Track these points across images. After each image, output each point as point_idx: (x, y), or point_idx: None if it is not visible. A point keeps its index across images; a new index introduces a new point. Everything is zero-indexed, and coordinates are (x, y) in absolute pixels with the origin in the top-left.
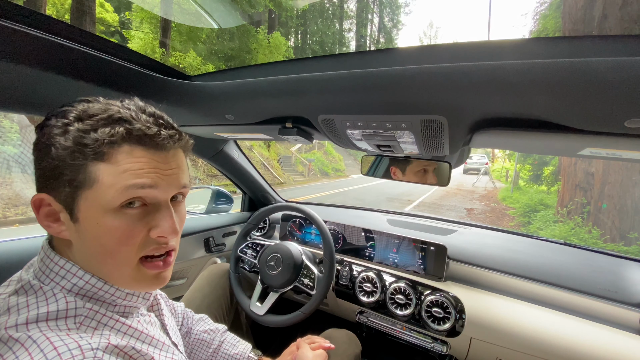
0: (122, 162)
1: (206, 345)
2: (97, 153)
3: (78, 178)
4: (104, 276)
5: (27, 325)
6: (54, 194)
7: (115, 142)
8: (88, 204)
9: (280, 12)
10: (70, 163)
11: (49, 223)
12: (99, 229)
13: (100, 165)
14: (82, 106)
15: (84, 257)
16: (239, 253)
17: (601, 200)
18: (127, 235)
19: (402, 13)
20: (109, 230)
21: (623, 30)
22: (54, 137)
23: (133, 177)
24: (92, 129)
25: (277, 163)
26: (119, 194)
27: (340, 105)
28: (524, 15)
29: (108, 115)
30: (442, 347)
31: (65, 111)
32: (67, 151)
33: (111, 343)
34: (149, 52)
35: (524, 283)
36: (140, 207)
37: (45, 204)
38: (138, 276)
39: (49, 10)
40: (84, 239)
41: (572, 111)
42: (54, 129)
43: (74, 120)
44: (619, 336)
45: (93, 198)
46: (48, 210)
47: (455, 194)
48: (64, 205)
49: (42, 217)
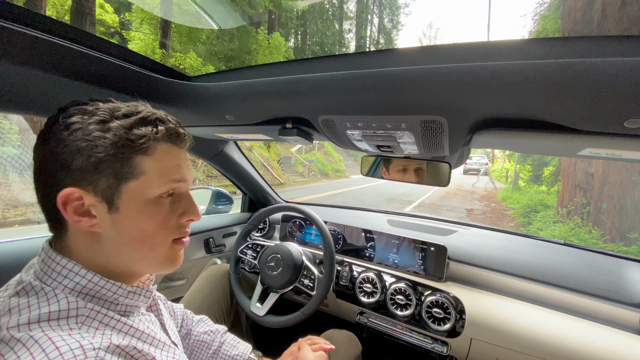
0: (163, 158)
1: (206, 347)
2: (142, 148)
3: (123, 170)
4: (135, 261)
5: (29, 325)
6: (89, 188)
7: (157, 139)
8: (131, 194)
9: (280, 13)
10: (115, 155)
11: (79, 217)
12: (141, 216)
13: (145, 158)
14: (106, 105)
15: (113, 247)
16: (239, 254)
17: (601, 201)
18: (165, 221)
19: (401, 14)
20: (151, 217)
21: (622, 30)
22: (90, 133)
23: (173, 172)
24: (133, 126)
25: (277, 164)
26: (162, 185)
27: (340, 105)
28: (523, 16)
29: (145, 115)
30: (443, 348)
31: (89, 110)
32: (114, 146)
33: (113, 343)
34: (149, 53)
35: (524, 283)
36: (171, 197)
37: (74, 199)
38: (170, 255)
39: (49, 11)
40: (121, 228)
41: (571, 111)
42: (89, 125)
43: (110, 118)
44: (619, 336)
45: (137, 189)
46: (78, 205)
47: (455, 195)
48: (103, 197)
49: (71, 212)
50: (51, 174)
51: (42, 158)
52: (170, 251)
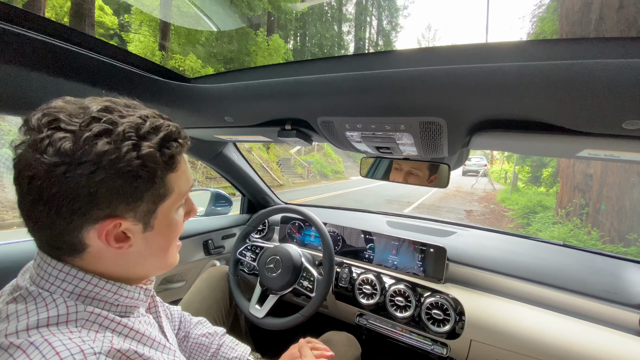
0: (182, 171)
1: (204, 349)
2: (172, 166)
3: (160, 192)
4: (156, 268)
5: (28, 331)
6: (128, 215)
7: (180, 153)
8: (164, 212)
9: (280, 15)
10: (155, 182)
11: (120, 244)
12: (169, 228)
13: (172, 175)
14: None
15: (140, 259)
16: (238, 255)
17: (600, 202)
18: (181, 225)
19: (400, 16)
20: (176, 226)
21: (619, 32)
22: (130, 163)
23: (188, 182)
24: (163, 145)
25: (276, 165)
26: (182, 196)
27: (340, 107)
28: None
29: (169, 132)
30: (442, 350)
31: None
32: (154, 173)
33: (114, 347)
34: (148, 54)
35: (523, 285)
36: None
37: (112, 228)
38: (176, 254)
39: (48, 13)
40: (152, 243)
41: (570, 113)
42: (126, 154)
43: (138, 139)
44: (618, 337)
45: (168, 205)
46: (117, 233)
47: (454, 196)
48: (140, 220)
49: (113, 242)
50: (80, 208)
51: (66, 193)
52: (176, 251)
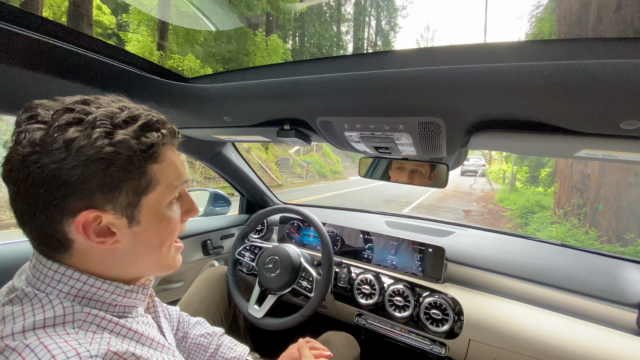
0: (170, 163)
1: (203, 350)
2: (153, 156)
3: (141, 183)
4: (149, 267)
5: (24, 333)
6: (107, 207)
7: (164, 144)
8: (150, 205)
9: (278, 15)
10: (133, 171)
11: (103, 238)
12: (160, 224)
13: (156, 166)
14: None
15: (131, 257)
16: (237, 256)
17: (597, 202)
18: (176, 223)
19: (399, 16)
20: (168, 222)
21: (617, 33)
22: (101, 150)
23: (180, 175)
24: (140, 134)
25: (275, 165)
26: (173, 191)
27: (338, 107)
28: (519, 18)
29: (147, 120)
30: (441, 349)
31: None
32: (130, 160)
33: (110, 349)
34: (146, 54)
35: (522, 284)
36: (177, 198)
37: (91, 221)
38: (175, 255)
39: (45, 12)
40: (140, 239)
41: (568, 113)
42: (96, 141)
43: (113, 127)
44: (616, 337)
45: (154, 198)
46: (96, 226)
47: (452, 196)
48: (123, 213)
49: (93, 235)
50: (56, 199)
51: (37, 181)
52: (175, 252)
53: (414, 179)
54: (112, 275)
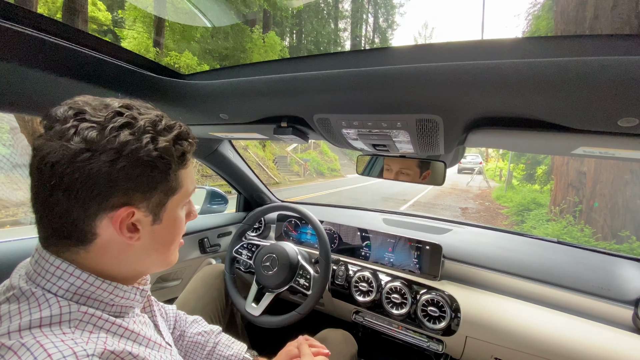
0: (191, 168)
1: (200, 348)
2: (183, 162)
3: (172, 185)
4: (156, 264)
5: (20, 332)
6: (141, 205)
7: (190, 152)
8: (172, 206)
9: (275, 12)
10: (169, 174)
11: (131, 234)
12: (174, 223)
13: (183, 171)
14: (143, 117)
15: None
16: (234, 254)
17: (593, 199)
18: (184, 224)
19: (396, 13)
20: (180, 223)
21: (614, 30)
22: (150, 153)
23: (194, 182)
24: (176, 142)
25: (273, 163)
26: (188, 195)
27: (336, 104)
28: (516, 16)
29: (181, 130)
30: (438, 346)
31: (137, 125)
32: (168, 164)
33: (107, 349)
34: (142, 51)
35: (518, 281)
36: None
37: (125, 217)
38: (177, 252)
39: (40, 8)
40: (157, 236)
41: (565, 110)
42: (147, 145)
43: (156, 134)
44: (612, 333)
45: (176, 200)
46: (129, 222)
47: (449, 194)
48: (151, 211)
49: (125, 231)
50: (101, 195)
51: (88, 178)
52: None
53: (411, 176)
54: (119, 272)
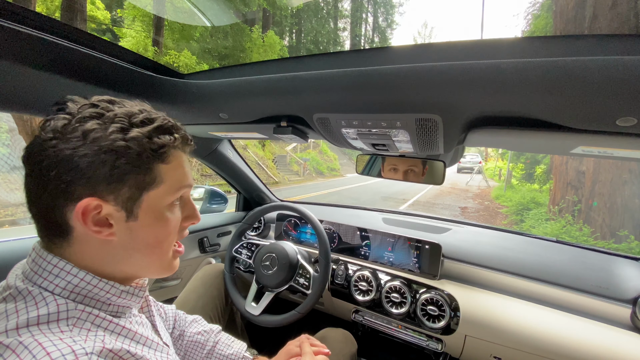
0: (177, 165)
1: (200, 347)
2: (162, 156)
3: (145, 180)
4: (143, 267)
5: (18, 330)
6: (109, 197)
7: (175, 147)
8: (150, 203)
9: (275, 11)
10: (139, 166)
11: (99, 228)
12: (157, 223)
13: (163, 166)
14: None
15: (125, 253)
16: (234, 253)
17: (592, 198)
18: (175, 226)
19: (396, 13)
20: (166, 223)
21: (613, 30)
22: (114, 142)
23: (185, 179)
24: (153, 134)
25: (272, 162)
26: (176, 192)
27: (336, 103)
28: (515, 15)
29: (162, 123)
30: (437, 345)
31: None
32: (139, 156)
33: (106, 347)
34: (141, 50)
35: (517, 280)
36: (179, 202)
37: (92, 208)
38: (172, 260)
39: (38, 7)
40: (136, 235)
41: (565, 110)
42: (111, 135)
43: (129, 125)
44: (610, 332)
45: (156, 197)
46: (95, 214)
47: (449, 193)
48: (123, 206)
49: (90, 223)
50: (64, 183)
51: (51, 164)
52: (173, 256)
53: (410, 176)
54: (107, 272)
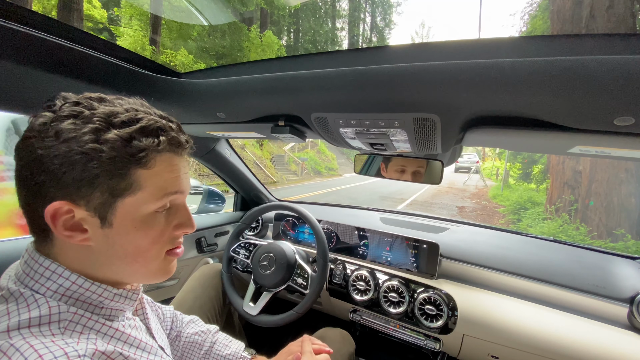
0: (162, 170)
1: (198, 347)
2: (141, 162)
3: (119, 185)
4: (127, 274)
5: (9, 332)
6: (81, 202)
7: (158, 151)
8: (126, 209)
9: (272, 11)
10: (112, 171)
11: (70, 232)
12: (136, 232)
13: (142, 172)
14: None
15: (105, 259)
16: (232, 253)
17: (588, 198)
18: (160, 235)
19: (394, 12)
20: (146, 232)
21: (610, 30)
22: (85, 145)
23: (172, 185)
24: (134, 137)
25: (270, 162)
26: (159, 200)
27: (333, 103)
28: (512, 15)
29: (146, 124)
30: (435, 344)
31: (84, 114)
32: (111, 161)
33: (98, 349)
34: (138, 49)
35: (515, 280)
36: (166, 210)
37: (63, 212)
38: (163, 267)
39: (35, 6)
40: (113, 243)
41: (562, 109)
42: (84, 135)
43: (107, 126)
44: (607, 331)
45: (133, 204)
46: (67, 219)
47: (446, 193)
48: (96, 212)
49: (61, 227)
50: (37, 183)
51: (27, 164)
52: (163, 263)
53: (408, 175)
54: (94, 276)
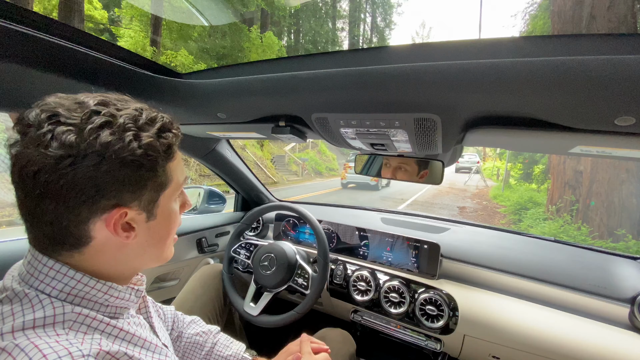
0: (178, 161)
1: (199, 348)
2: (170, 155)
3: (161, 180)
4: (153, 258)
5: (13, 333)
6: (133, 204)
7: (175, 143)
8: (165, 201)
9: (273, 11)
10: (156, 170)
11: (128, 233)
12: (169, 217)
13: (170, 164)
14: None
15: (140, 250)
16: (232, 253)
17: (589, 198)
18: (178, 216)
19: (394, 13)
20: (175, 216)
21: (610, 30)
22: (134, 152)
23: (183, 172)
24: (160, 135)
25: (271, 162)
26: (179, 186)
27: (334, 103)
28: (513, 15)
29: (163, 123)
30: (436, 345)
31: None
32: (156, 161)
33: (102, 349)
34: (139, 50)
35: (515, 280)
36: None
37: (118, 217)
38: (172, 247)
39: (36, 6)
40: (153, 232)
41: (563, 109)
42: (129, 144)
43: (138, 130)
44: (608, 331)
45: (168, 195)
46: (122, 223)
47: (447, 193)
48: (144, 209)
49: (121, 231)
50: (88, 199)
51: (71, 183)
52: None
53: (409, 175)
54: (115, 271)
